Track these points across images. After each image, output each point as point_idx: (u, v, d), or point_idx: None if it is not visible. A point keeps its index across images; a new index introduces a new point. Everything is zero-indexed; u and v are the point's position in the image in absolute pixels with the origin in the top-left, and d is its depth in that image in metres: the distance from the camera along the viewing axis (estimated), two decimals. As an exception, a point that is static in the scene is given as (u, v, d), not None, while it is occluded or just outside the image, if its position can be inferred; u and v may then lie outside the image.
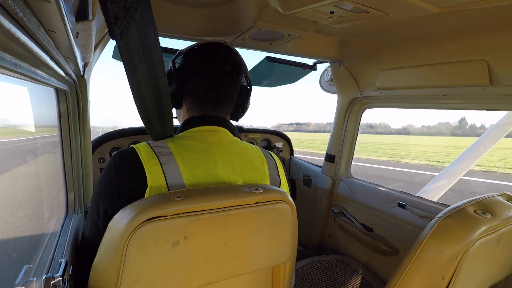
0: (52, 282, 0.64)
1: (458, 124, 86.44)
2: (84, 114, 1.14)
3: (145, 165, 0.77)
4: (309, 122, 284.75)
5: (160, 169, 0.78)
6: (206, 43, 0.98)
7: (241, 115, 1.09)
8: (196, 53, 0.97)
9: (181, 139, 0.89)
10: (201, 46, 0.98)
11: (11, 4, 0.32)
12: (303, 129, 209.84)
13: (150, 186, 0.76)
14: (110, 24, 0.58)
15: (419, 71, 1.53)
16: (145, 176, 0.76)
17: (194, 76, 0.95)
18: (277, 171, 0.99)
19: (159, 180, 0.77)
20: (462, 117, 57.62)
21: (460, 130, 70.25)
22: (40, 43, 0.49)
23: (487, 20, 1.13)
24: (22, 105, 0.86)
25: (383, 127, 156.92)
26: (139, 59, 0.70)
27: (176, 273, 0.67)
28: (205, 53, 0.96)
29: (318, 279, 1.79)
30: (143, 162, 0.78)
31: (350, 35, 1.57)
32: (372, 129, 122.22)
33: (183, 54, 0.99)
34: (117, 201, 0.76)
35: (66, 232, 0.97)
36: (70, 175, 1.13)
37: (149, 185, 0.75)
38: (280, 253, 0.85)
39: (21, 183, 0.96)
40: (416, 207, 1.65)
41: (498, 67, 1.22)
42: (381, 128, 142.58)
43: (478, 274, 0.88)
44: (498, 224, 0.84)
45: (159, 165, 0.78)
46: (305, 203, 2.47)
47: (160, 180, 0.77)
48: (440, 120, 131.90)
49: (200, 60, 0.95)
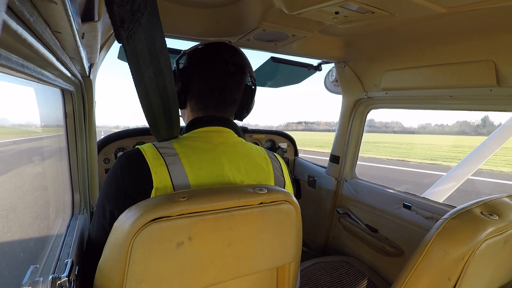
0: (58, 282, 0.64)
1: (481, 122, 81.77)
2: (89, 114, 1.15)
3: (151, 166, 0.77)
4: (319, 121, 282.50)
5: (166, 169, 0.78)
6: (210, 43, 0.98)
7: (245, 115, 1.09)
8: (200, 53, 0.97)
9: (186, 140, 0.89)
10: (205, 46, 0.97)
11: (18, 5, 0.32)
12: (314, 128, 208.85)
13: (156, 187, 0.76)
14: (116, 27, 0.58)
15: (424, 71, 1.51)
16: (151, 177, 0.76)
17: (198, 77, 0.95)
18: (282, 172, 0.99)
19: (165, 181, 0.77)
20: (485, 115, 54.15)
21: (485, 128, 67.16)
22: (47, 44, 0.49)
23: (494, 20, 1.12)
24: (29, 106, 0.87)
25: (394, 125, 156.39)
26: (146, 63, 0.69)
27: (180, 273, 0.67)
28: (209, 54, 0.96)
29: (323, 280, 1.78)
30: (148, 163, 0.78)
31: (355, 35, 1.56)
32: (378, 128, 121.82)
33: (187, 54, 0.99)
34: (123, 202, 0.76)
35: (72, 232, 0.98)
36: (76, 176, 1.14)
37: (155, 186, 0.76)
38: (285, 254, 0.85)
39: (27, 183, 0.96)
40: (422, 208, 1.64)
41: (505, 68, 1.21)
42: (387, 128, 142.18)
43: (485, 275, 0.87)
44: (505, 226, 0.83)
45: (165, 166, 0.78)
46: (310, 204, 2.46)
47: (166, 181, 0.77)
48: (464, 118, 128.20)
49: (204, 61, 0.95)
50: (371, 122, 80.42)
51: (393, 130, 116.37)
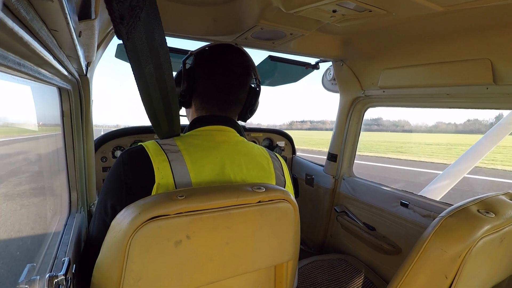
0: (56, 280, 0.64)
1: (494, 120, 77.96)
2: (86, 113, 1.14)
3: (154, 162, 0.78)
4: (325, 120, 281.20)
5: (168, 165, 0.79)
6: (216, 44, 0.99)
7: (249, 116, 1.10)
8: (206, 54, 0.98)
9: (189, 137, 0.90)
10: (211, 47, 0.99)
11: (14, 3, 0.32)
12: (319, 127, 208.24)
13: (158, 182, 0.76)
14: (116, 24, 0.58)
15: (422, 70, 1.52)
16: (154, 172, 0.77)
17: (204, 77, 0.96)
18: (282, 172, 1.00)
19: (167, 177, 0.77)
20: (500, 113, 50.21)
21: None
22: (43, 42, 0.49)
23: (491, 18, 1.12)
24: (26, 104, 0.86)
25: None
26: (146, 59, 0.70)
27: (178, 272, 0.67)
28: (215, 55, 0.97)
29: (321, 278, 1.79)
30: (151, 158, 0.79)
31: (353, 34, 1.57)
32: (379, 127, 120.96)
33: (194, 55, 1.00)
34: (125, 197, 0.76)
35: (69, 231, 0.98)
36: (73, 174, 1.14)
37: (157, 181, 0.76)
38: (283, 252, 0.85)
39: (24, 181, 0.96)
40: (419, 206, 1.65)
41: (502, 66, 1.22)
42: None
43: (481, 273, 0.88)
44: (501, 223, 0.84)
45: (167, 162, 0.79)
46: (307, 202, 2.47)
47: (168, 177, 0.77)
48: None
49: (209, 62, 0.97)
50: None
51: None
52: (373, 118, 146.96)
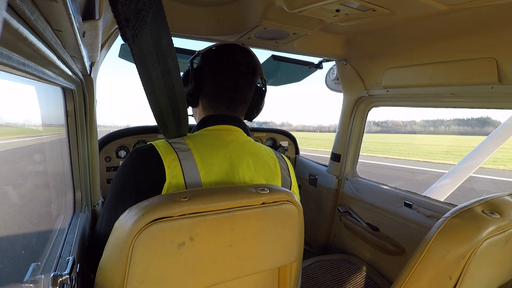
0: (60, 279, 0.65)
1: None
2: (90, 113, 1.15)
3: (164, 160, 0.78)
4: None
5: (179, 164, 0.79)
6: (223, 44, 1.00)
7: (255, 115, 1.11)
8: (213, 54, 0.99)
9: (198, 137, 0.91)
10: (218, 47, 1.00)
11: (19, 4, 0.32)
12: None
13: (169, 181, 0.76)
14: (121, 26, 0.58)
15: (426, 69, 1.51)
16: (164, 171, 0.77)
17: (211, 77, 0.97)
18: (288, 172, 1.01)
19: (178, 176, 0.77)
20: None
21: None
22: (48, 43, 0.49)
23: (495, 17, 1.11)
24: (30, 104, 0.87)
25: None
26: (153, 63, 0.69)
27: (182, 274, 0.67)
28: (222, 55, 0.98)
29: (324, 278, 1.78)
30: (162, 157, 0.79)
31: (356, 33, 1.56)
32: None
33: (201, 54, 1.01)
34: (135, 195, 0.76)
35: (73, 230, 0.98)
36: (77, 174, 1.14)
37: (168, 180, 0.76)
38: (286, 254, 0.85)
39: (29, 181, 0.97)
40: (423, 206, 1.64)
41: (507, 65, 1.20)
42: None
43: (486, 274, 0.87)
44: (506, 224, 0.83)
45: (178, 161, 0.79)
46: (311, 202, 2.46)
47: (179, 176, 0.78)
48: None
49: (216, 61, 0.97)
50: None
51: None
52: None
